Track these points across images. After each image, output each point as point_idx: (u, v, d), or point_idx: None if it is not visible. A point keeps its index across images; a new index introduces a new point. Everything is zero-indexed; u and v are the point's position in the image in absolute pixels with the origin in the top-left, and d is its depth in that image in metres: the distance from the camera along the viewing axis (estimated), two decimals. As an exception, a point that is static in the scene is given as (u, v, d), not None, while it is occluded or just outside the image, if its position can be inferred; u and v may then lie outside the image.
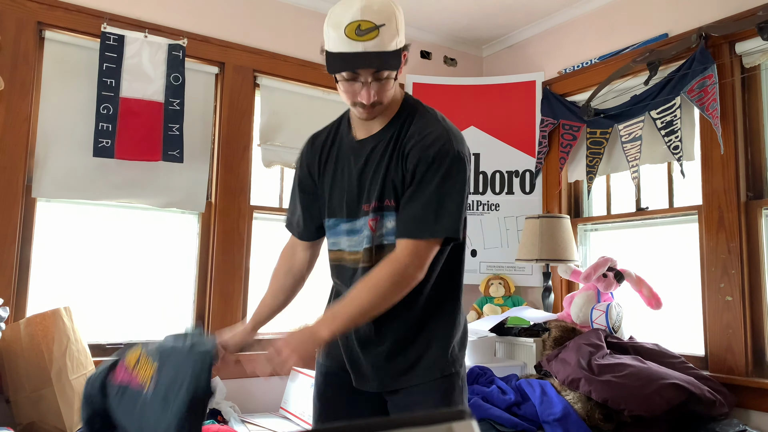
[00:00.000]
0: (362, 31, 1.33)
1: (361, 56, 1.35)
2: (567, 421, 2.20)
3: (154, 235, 2.91)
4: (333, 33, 1.36)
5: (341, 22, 1.34)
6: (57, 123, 2.65)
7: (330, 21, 1.38)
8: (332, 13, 1.39)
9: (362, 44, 1.33)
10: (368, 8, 1.33)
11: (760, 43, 2.52)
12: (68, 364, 2.28)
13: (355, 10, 1.33)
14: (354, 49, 1.34)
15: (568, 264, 2.95)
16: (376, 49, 1.34)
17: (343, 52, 1.36)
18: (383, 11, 1.35)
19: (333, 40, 1.37)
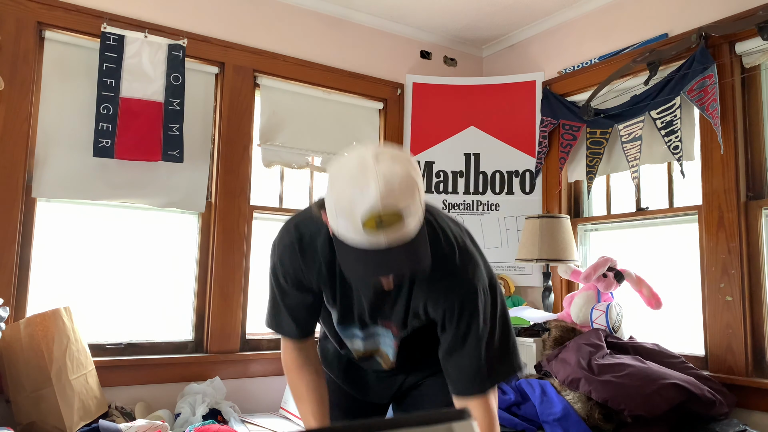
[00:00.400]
0: (383, 223, 1.05)
1: (385, 261, 1.09)
2: (567, 421, 2.20)
3: (154, 235, 2.91)
4: (344, 222, 1.08)
5: (354, 211, 1.06)
6: (57, 123, 2.65)
7: (337, 202, 1.09)
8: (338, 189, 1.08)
9: (384, 236, 1.07)
10: (389, 191, 1.05)
11: (760, 43, 2.52)
12: (68, 364, 2.28)
13: (373, 198, 1.04)
14: (374, 244, 1.08)
15: (568, 264, 2.95)
16: (401, 240, 1.09)
17: (361, 249, 1.10)
18: (406, 187, 1.07)
19: (344, 228, 1.09)
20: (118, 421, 2.39)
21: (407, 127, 3.59)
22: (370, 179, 1.05)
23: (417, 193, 1.09)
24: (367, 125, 3.52)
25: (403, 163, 1.10)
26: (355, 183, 1.06)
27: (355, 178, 1.06)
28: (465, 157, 3.55)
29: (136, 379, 2.68)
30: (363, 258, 1.09)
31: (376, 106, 3.55)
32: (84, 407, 2.31)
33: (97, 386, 2.45)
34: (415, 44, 3.72)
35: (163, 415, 2.54)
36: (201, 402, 2.58)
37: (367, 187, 1.05)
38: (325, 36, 3.40)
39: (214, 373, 2.84)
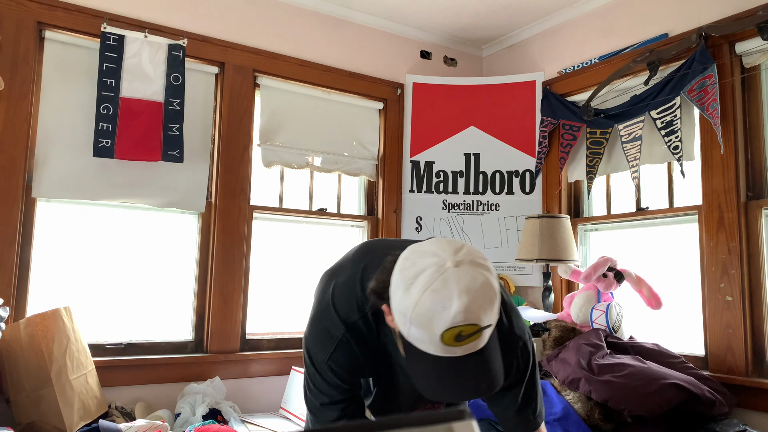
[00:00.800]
0: (464, 337, 1.02)
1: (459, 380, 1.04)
2: (567, 421, 2.20)
3: (154, 235, 2.91)
4: (418, 332, 1.04)
5: (433, 325, 1.01)
6: (57, 123, 2.65)
7: (414, 312, 1.03)
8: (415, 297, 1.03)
9: (462, 349, 1.04)
10: (472, 307, 1.01)
11: (760, 43, 2.52)
12: (68, 364, 2.28)
13: (454, 315, 1.00)
14: (451, 353, 1.04)
15: (568, 264, 2.95)
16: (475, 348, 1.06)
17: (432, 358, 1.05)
18: (487, 300, 1.04)
19: (419, 339, 1.05)
20: (118, 421, 2.39)
21: (407, 127, 3.59)
22: (453, 294, 1.00)
23: (496, 302, 1.06)
24: (367, 125, 3.52)
25: (482, 267, 1.05)
26: (435, 296, 1.01)
27: (437, 291, 1.01)
28: (465, 157, 3.55)
29: (136, 379, 2.68)
30: (436, 371, 1.04)
31: (376, 106, 3.55)
32: (84, 407, 2.31)
33: (97, 386, 2.45)
34: (415, 44, 3.72)
35: (163, 415, 2.54)
36: (201, 402, 2.58)
37: (449, 302, 1.00)
38: (325, 36, 3.40)
39: (214, 373, 2.84)
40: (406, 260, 1.08)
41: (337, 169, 3.37)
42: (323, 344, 1.24)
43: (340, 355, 1.23)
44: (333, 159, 3.35)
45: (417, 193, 3.53)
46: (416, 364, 1.07)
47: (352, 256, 1.35)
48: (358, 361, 1.25)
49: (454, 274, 1.02)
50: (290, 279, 3.22)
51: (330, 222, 3.38)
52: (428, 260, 1.05)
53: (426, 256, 1.06)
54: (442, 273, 1.02)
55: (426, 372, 1.06)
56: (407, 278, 1.05)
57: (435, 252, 1.06)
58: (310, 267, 3.28)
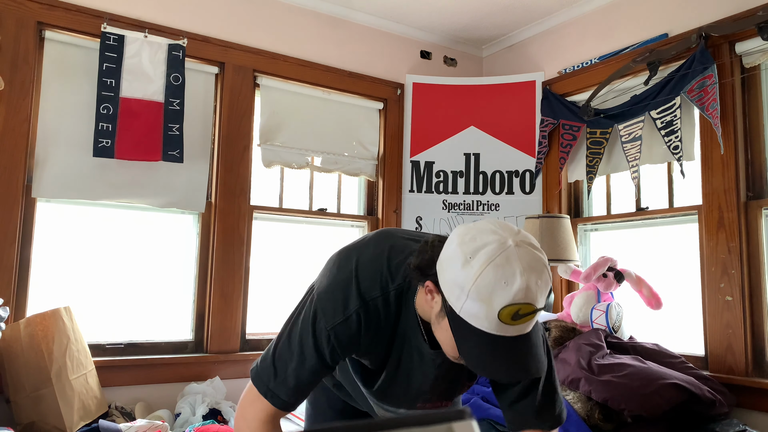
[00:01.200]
0: (520, 315, 1.03)
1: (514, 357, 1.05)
2: (567, 421, 2.20)
3: (154, 235, 2.91)
4: (477, 307, 1.03)
5: (493, 299, 1.01)
6: (57, 123, 2.65)
7: (475, 286, 1.02)
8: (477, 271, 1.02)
9: (514, 329, 1.04)
10: (533, 287, 1.02)
11: (760, 43, 2.52)
12: (68, 364, 2.28)
13: (517, 289, 1.01)
14: (502, 332, 1.04)
15: (568, 264, 2.95)
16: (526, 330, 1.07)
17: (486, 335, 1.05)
18: (545, 283, 1.05)
19: (474, 312, 1.04)
20: (118, 421, 2.39)
21: (407, 127, 3.59)
22: (516, 269, 1.01)
23: (550, 286, 1.07)
24: (367, 125, 3.52)
25: (539, 251, 1.07)
26: (498, 269, 1.01)
27: (499, 265, 1.01)
28: (465, 157, 3.55)
29: (136, 379, 2.68)
30: (488, 348, 1.04)
31: (376, 106, 3.55)
32: (84, 407, 2.31)
33: (97, 386, 2.45)
34: (415, 44, 3.72)
35: (163, 415, 2.54)
36: (201, 402, 2.58)
37: (512, 277, 1.01)
38: (325, 36, 3.40)
39: (214, 373, 2.84)
40: (464, 235, 1.07)
41: (337, 169, 3.37)
42: (334, 311, 1.19)
43: (344, 330, 1.19)
44: (333, 159, 3.35)
45: (417, 193, 3.53)
46: (466, 339, 1.05)
47: (374, 238, 1.30)
48: (358, 345, 1.21)
49: (516, 252, 1.02)
50: (290, 279, 3.22)
51: (330, 222, 3.38)
52: (489, 237, 1.05)
53: (485, 233, 1.06)
54: (505, 249, 1.03)
55: (478, 347, 1.05)
56: (467, 251, 1.04)
57: (494, 230, 1.06)
58: (310, 267, 3.28)
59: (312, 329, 1.21)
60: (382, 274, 1.21)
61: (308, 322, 1.22)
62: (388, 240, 1.28)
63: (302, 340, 1.22)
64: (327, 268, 1.29)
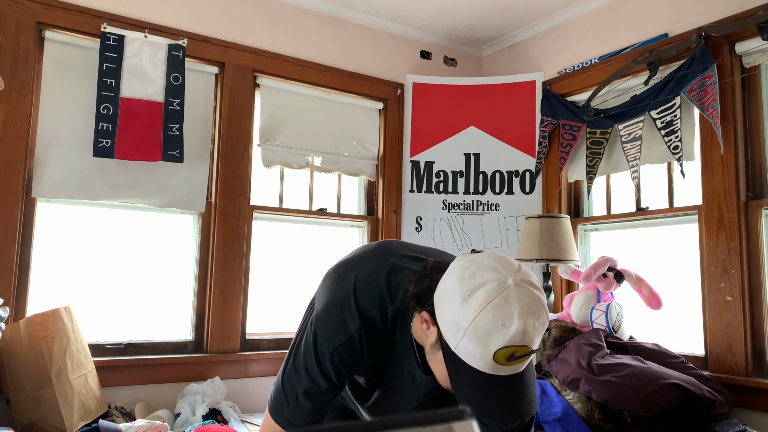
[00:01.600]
0: (516, 357, 1.02)
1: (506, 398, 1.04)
2: (567, 421, 2.20)
3: (154, 235, 2.91)
4: (473, 346, 1.02)
5: (490, 341, 1.00)
6: (57, 123, 2.65)
7: (472, 326, 1.01)
8: (475, 311, 1.01)
9: (508, 369, 1.04)
10: (530, 330, 1.01)
11: (760, 43, 2.52)
12: (68, 364, 2.28)
13: (514, 332, 1.00)
14: (496, 371, 1.03)
15: (568, 264, 2.95)
16: (520, 369, 1.06)
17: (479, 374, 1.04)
18: (542, 324, 1.04)
19: (469, 351, 1.03)
20: (118, 421, 2.39)
21: (407, 127, 3.59)
22: (515, 312, 1.00)
23: (546, 326, 1.06)
24: (367, 125, 3.52)
25: (539, 289, 1.05)
26: (497, 312, 1.00)
27: (498, 307, 1.00)
28: (465, 157, 3.55)
29: (136, 379, 2.68)
30: (481, 388, 1.03)
31: (376, 106, 3.55)
32: (84, 407, 2.31)
33: (97, 386, 2.45)
34: (415, 44, 3.72)
35: (163, 415, 2.54)
36: (201, 402, 2.58)
37: (511, 321, 0.99)
38: (325, 36, 3.40)
39: (214, 373, 2.84)
40: (464, 270, 1.05)
41: (337, 169, 3.37)
42: (335, 332, 1.19)
43: (347, 349, 1.18)
44: (333, 159, 3.35)
45: (417, 193, 3.53)
46: (460, 376, 1.05)
47: (374, 252, 1.29)
48: (362, 362, 1.21)
49: (515, 293, 1.01)
50: (290, 279, 3.22)
51: (330, 222, 3.38)
52: (489, 274, 1.04)
53: (486, 270, 1.04)
54: (504, 289, 1.01)
55: (471, 387, 1.04)
56: (466, 289, 1.03)
57: (495, 267, 1.05)
58: (310, 267, 3.28)
59: (314, 352, 1.20)
60: (381, 294, 1.20)
61: (310, 346, 1.21)
62: (389, 257, 1.26)
63: (307, 365, 1.21)
64: (325, 285, 1.28)
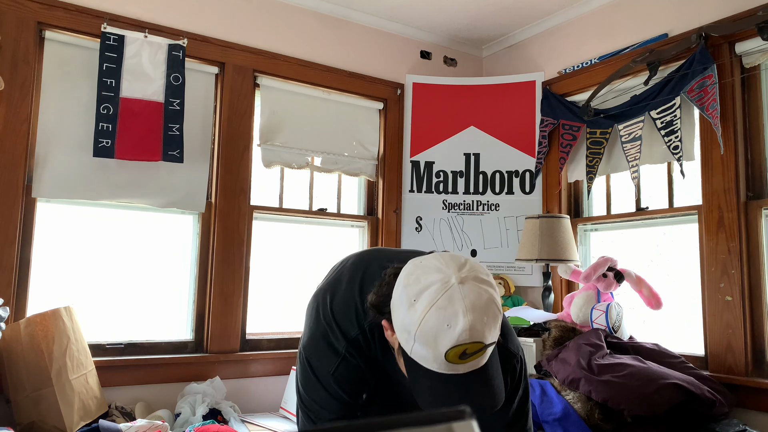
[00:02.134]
0: (468, 354, 1.01)
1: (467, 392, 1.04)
2: (567, 421, 2.20)
3: (154, 235, 2.91)
4: (424, 350, 1.02)
5: (438, 343, 1.01)
6: (57, 123, 2.65)
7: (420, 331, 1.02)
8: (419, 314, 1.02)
9: (464, 367, 1.04)
10: (477, 325, 1.00)
11: (760, 43, 2.52)
12: (68, 364, 2.28)
13: (460, 334, 0.99)
14: (454, 370, 1.04)
15: (568, 264, 2.95)
16: (479, 365, 1.06)
17: (435, 375, 1.05)
18: (492, 318, 1.03)
19: (422, 356, 1.04)
20: (118, 421, 2.39)
21: (407, 127, 3.59)
22: (459, 310, 0.99)
23: (500, 318, 1.05)
24: (367, 125, 3.52)
25: (486, 283, 1.05)
26: (441, 313, 1.00)
27: (442, 308, 1.00)
28: (465, 157, 3.55)
29: (136, 379, 2.68)
30: (439, 389, 1.03)
31: (376, 106, 3.55)
32: (84, 407, 2.31)
33: (97, 386, 2.45)
34: (415, 44, 3.72)
35: (163, 415, 2.54)
36: (201, 402, 2.58)
37: (455, 320, 0.99)
38: (325, 36, 3.40)
39: (214, 373, 2.84)
40: (409, 276, 1.06)
41: (337, 169, 3.37)
42: (327, 358, 1.22)
43: (345, 369, 1.21)
44: (333, 159, 3.35)
45: (417, 193, 3.53)
46: (419, 380, 1.06)
47: (349, 268, 1.31)
48: (363, 374, 1.23)
49: (459, 291, 1.01)
50: (290, 279, 3.22)
51: (330, 222, 3.38)
52: (432, 276, 1.04)
53: (430, 272, 1.04)
54: (447, 289, 1.01)
55: (429, 389, 1.05)
56: (411, 294, 1.03)
57: (439, 267, 1.05)
58: (310, 267, 3.28)
59: (317, 381, 1.22)
60: (357, 311, 1.22)
61: (310, 377, 1.23)
62: (362, 268, 1.28)
63: (316, 399, 1.23)
64: (307, 317, 1.31)
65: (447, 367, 1.02)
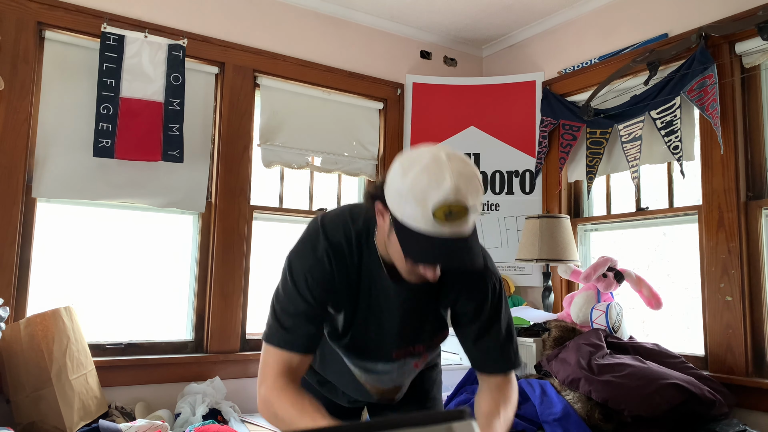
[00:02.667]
0: (453, 214, 1.13)
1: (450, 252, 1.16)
2: (567, 421, 2.20)
3: (154, 235, 2.91)
4: (414, 206, 1.14)
5: (427, 199, 1.12)
6: (57, 123, 2.65)
7: (411, 189, 1.14)
8: (412, 177, 1.15)
9: (449, 228, 1.14)
10: (462, 187, 1.13)
11: (760, 43, 2.52)
12: (68, 364, 2.28)
13: (447, 189, 1.12)
14: (439, 233, 1.14)
15: (568, 264, 2.95)
16: (462, 234, 1.16)
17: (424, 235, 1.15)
18: (474, 187, 1.16)
19: (412, 213, 1.15)
20: (118, 421, 2.39)
21: (407, 127, 3.59)
22: (446, 173, 1.13)
23: (481, 193, 1.19)
24: (367, 125, 3.52)
25: (472, 165, 1.20)
26: (431, 174, 1.14)
27: (431, 171, 1.14)
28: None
29: (136, 379, 2.68)
30: (428, 244, 1.15)
31: (376, 106, 3.55)
32: (84, 407, 2.31)
33: (97, 386, 2.45)
34: (415, 44, 3.72)
35: (163, 415, 2.54)
36: (201, 402, 2.58)
37: (442, 179, 1.13)
38: (325, 36, 3.40)
39: (214, 373, 2.84)
40: (404, 158, 1.21)
41: (337, 169, 3.37)
42: (305, 257, 1.33)
43: (318, 268, 1.31)
44: (333, 159, 3.35)
45: (417, 193, 3.53)
46: (408, 241, 1.17)
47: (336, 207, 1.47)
48: (333, 281, 1.32)
49: (447, 161, 1.16)
50: (290, 279, 3.22)
51: (330, 222, 3.38)
52: (424, 153, 1.18)
53: (422, 151, 1.19)
54: (437, 160, 1.16)
55: (418, 244, 1.16)
56: (405, 166, 1.18)
57: (430, 149, 1.20)
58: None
59: (292, 279, 1.33)
60: (345, 222, 1.36)
61: (287, 275, 1.35)
62: (349, 205, 1.45)
63: (288, 292, 1.34)
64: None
65: (434, 226, 1.14)
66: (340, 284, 1.33)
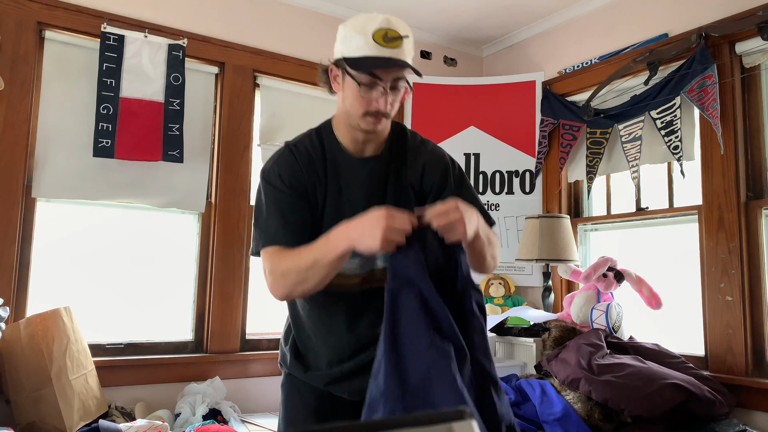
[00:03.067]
0: (389, 38, 1.36)
1: (389, 60, 1.37)
2: (567, 421, 2.20)
3: (154, 235, 2.91)
4: (358, 38, 1.38)
5: (367, 28, 1.37)
6: (57, 123, 2.65)
7: (353, 28, 1.40)
8: (353, 22, 1.42)
9: (389, 51, 1.36)
10: (394, 21, 1.39)
11: (760, 43, 2.52)
12: (68, 364, 2.28)
13: (381, 20, 1.37)
14: (382, 54, 1.36)
15: (568, 264, 2.95)
16: (401, 57, 1.38)
17: (370, 56, 1.37)
18: (405, 25, 1.41)
19: (357, 45, 1.38)
20: (118, 421, 2.39)
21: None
22: (379, 15, 1.38)
23: (412, 37, 1.41)
24: (367, 125, 3.51)
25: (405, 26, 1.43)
26: (367, 16, 1.39)
27: (367, 15, 1.39)
28: (465, 157, 3.55)
29: (136, 379, 2.68)
30: (374, 59, 1.35)
31: (376, 106, 3.54)
32: (84, 407, 2.31)
33: (97, 386, 2.45)
34: (414, 44, 3.72)
35: (163, 415, 2.54)
36: (201, 402, 2.58)
37: (377, 16, 1.38)
38: (325, 36, 3.40)
39: (214, 373, 2.84)
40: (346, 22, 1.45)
41: (337, 169, 3.36)
42: (272, 160, 1.51)
43: (283, 162, 1.47)
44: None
45: (417, 193, 3.53)
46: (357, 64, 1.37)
47: None
48: (301, 171, 1.46)
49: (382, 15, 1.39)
50: (290, 279, 3.22)
51: (330, 222, 3.38)
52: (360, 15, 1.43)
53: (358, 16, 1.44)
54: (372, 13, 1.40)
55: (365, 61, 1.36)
56: (345, 24, 1.43)
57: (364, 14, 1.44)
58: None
59: (265, 181, 1.48)
60: (306, 132, 1.56)
61: (261, 185, 1.49)
62: None
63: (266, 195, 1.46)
64: None
65: (377, 48, 1.34)
66: (309, 173, 1.46)
